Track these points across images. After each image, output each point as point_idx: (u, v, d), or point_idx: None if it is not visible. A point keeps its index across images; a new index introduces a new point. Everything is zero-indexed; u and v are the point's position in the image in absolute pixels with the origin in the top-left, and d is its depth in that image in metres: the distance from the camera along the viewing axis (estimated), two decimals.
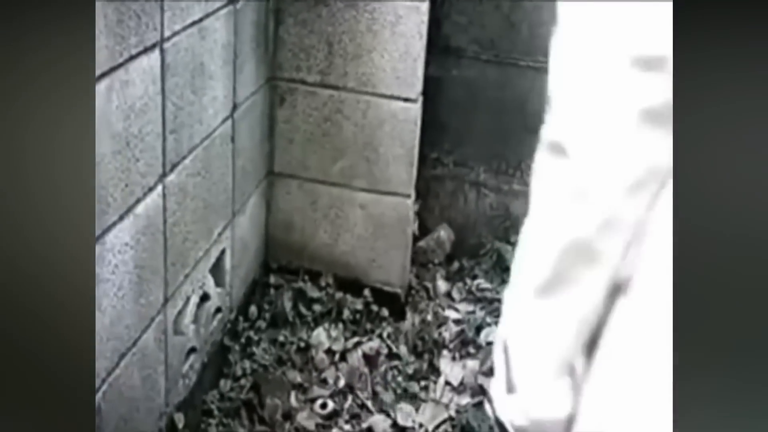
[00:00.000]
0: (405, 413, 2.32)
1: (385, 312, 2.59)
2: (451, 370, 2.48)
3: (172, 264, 1.89)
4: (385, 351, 2.49)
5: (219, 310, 2.25)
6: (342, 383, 2.36)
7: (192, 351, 2.10)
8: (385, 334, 2.54)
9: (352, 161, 2.52)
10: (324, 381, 2.36)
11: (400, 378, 2.41)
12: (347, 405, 2.32)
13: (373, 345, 2.49)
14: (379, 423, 2.28)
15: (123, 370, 1.72)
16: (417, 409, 2.33)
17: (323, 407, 2.27)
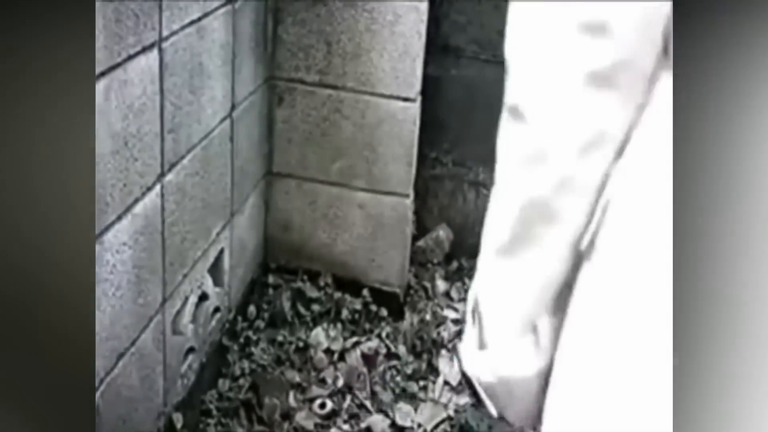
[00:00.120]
0: (404, 413, 2.31)
1: (384, 312, 2.59)
2: (450, 369, 2.48)
3: (170, 264, 1.89)
4: (384, 351, 2.49)
5: (217, 309, 2.25)
6: (341, 383, 2.36)
7: (190, 351, 2.10)
8: (384, 333, 2.54)
9: (350, 161, 2.51)
10: (323, 381, 2.36)
11: (398, 378, 2.41)
12: (346, 405, 2.31)
13: (372, 345, 2.49)
14: (378, 423, 2.27)
15: (121, 369, 1.72)
16: (416, 409, 2.33)
17: (322, 407, 2.27)
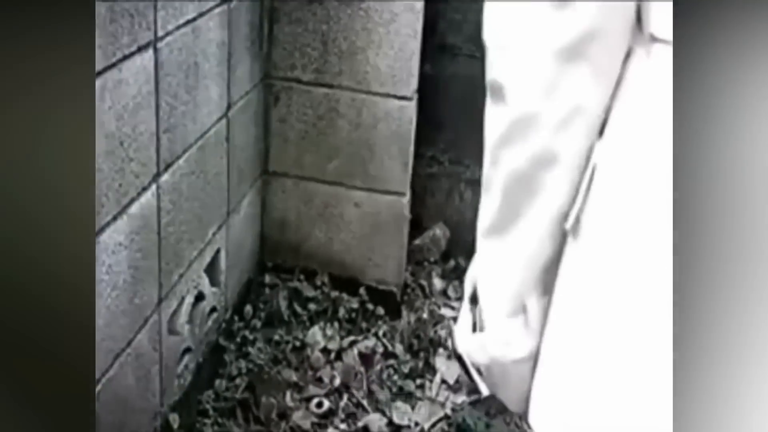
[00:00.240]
0: (401, 412, 2.31)
1: (381, 310, 2.58)
2: (447, 368, 2.48)
3: (166, 264, 1.88)
4: (381, 350, 2.48)
5: (214, 309, 2.25)
6: (338, 382, 2.36)
7: (187, 351, 2.09)
8: (381, 332, 2.54)
9: (347, 160, 2.51)
10: (319, 380, 2.36)
11: (395, 376, 2.41)
12: (343, 404, 2.31)
13: (369, 344, 2.48)
14: (375, 422, 2.27)
15: (117, 370, 1.72)
16: (413, 408, 2.33)
17: (319, 406, 2.27)
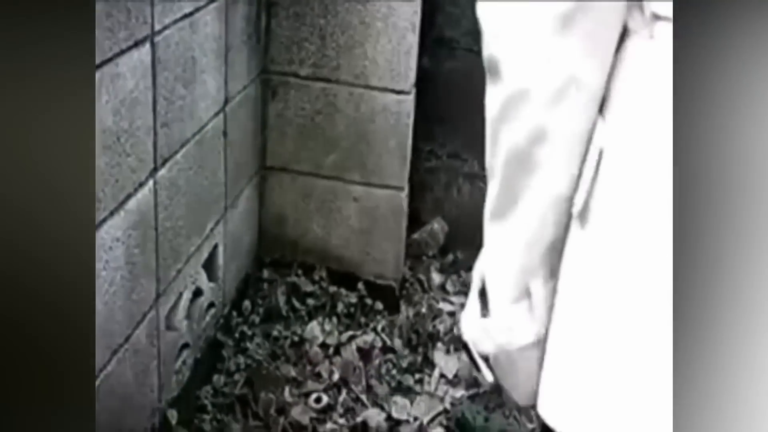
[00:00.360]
0: (400, 406, 2.31)
1: (380, 305, 2.58)
2: (446, 362, 2.47)
3: (164, 259, 1.88)
4: (380, 344, 2.48)
5: (212, 305, 2.24)
6: (336, 377, 2.35)
7: (185, 347, 2.09)
8: (380, 327, 2.53)
9: (345, 154, 2.50)
10: (318, 375, 2.35)
11: (394, 371, 2.40)
12: (341, 399, 2.31)
13: (368, 338, 2.48)
14: (374, 416, 2.27)
15: (115, 366, 1.71)
16: (412, 403, 2.33)
17: (317, 401, 2.27)
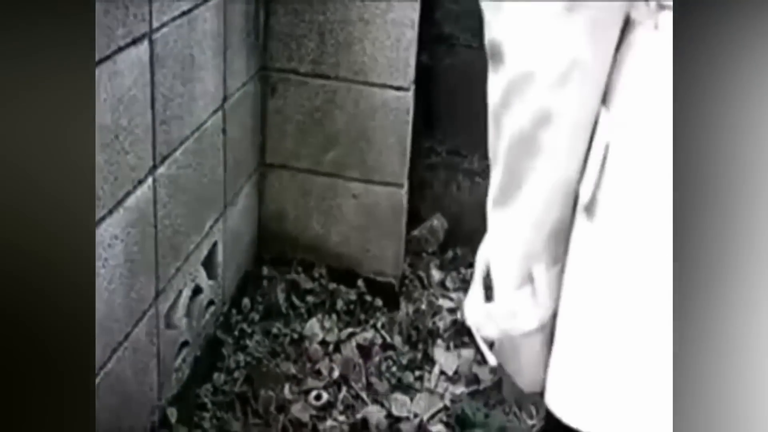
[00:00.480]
0: (399, 403, 2.31)
1: (379, 302, 2.58)
2: (446, 359, 2.47)
3: (163, 257, 1.87)
4: (379, 341, 2.48)
5: (211, 303, 2.24)
6: (336, 374, 2.35)
7: (184, 345, 2.09)
8: (379, 324, 2.53)
9: (344, 151, 2.50)
10: (318, 372, 2.35)
11: (394, 368, 2.40)
12: (341, 396, 2.30)
13: (367, 335, 2.48)
14: (374, 414, 2.26)
15: (115, 364, 1.71)
16: (411, 400, 2.32)
17: (317, 399, 2.26)
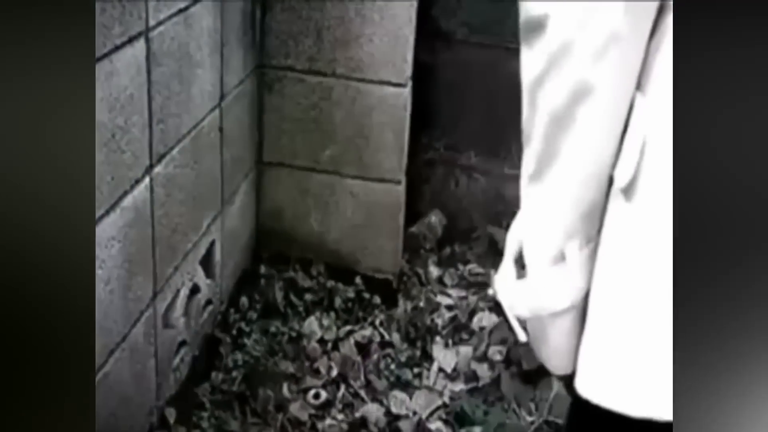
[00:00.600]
0: (398, 401, 2.30)
1: (377, 299, 2.57)
2: (444, 356, 2.46)
3: (160, 257, 1.86)
4: (378, 339, 2.47)
5: (209, 302, 2.23)
6: (334, 373, 2.34)
7: (182, 344, 2.08)
8: (378, 321, 2.52)
9: (341, 148, 2.49)
10: (316, 371, 2.34)
11: (393, 366, 2.39)
12: (340, 394, 2.30)
13: (366, 333, 2.47)
14: (373, 412, 2.26)
15: (112, 365, 1.70)
16: (410, 397, 2.32)
17: (316, 397, 2.26)
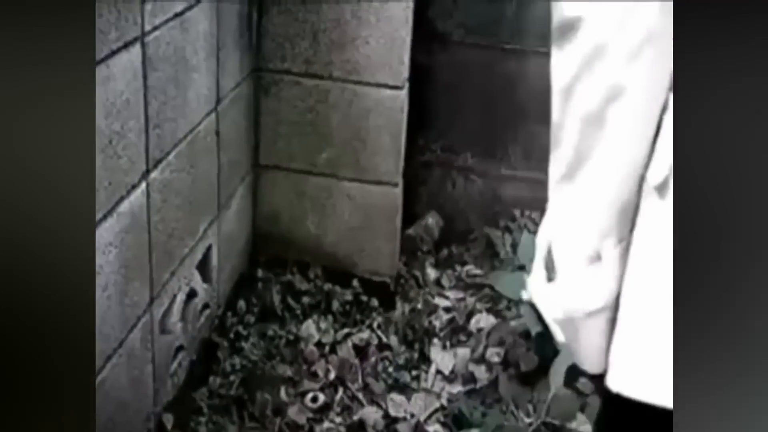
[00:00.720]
0: (396, 404, 2.30)
1: (375, 302, 2.56)
2: (442, 358, 2.47)
3: (157, 262, 1.86)
4: (376, 341, 2.47)
5: (206, 306, 2.22)
6: (332, 376, 2.34)
7: (180, 349, 2.07)
8: (375, 324, 2.52)
9: (338, 151, 2.48)
10: (314, 374, 2.33)
11: (390, 368, 2.39)
12: (338, 397, 2.29)
13: (363, 336, 2.47)
14: (371, 415, 2.26)
15: (109, 371, 1.70)
16: (408, 400, 2.31)
17: (314, 401, 2.25)
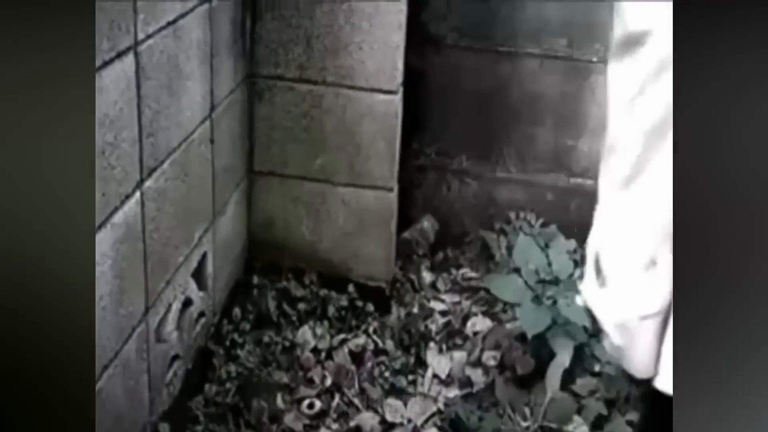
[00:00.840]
0: (393, 409, 2.29)
1: (371, 307, 2.56)
2: (438, 362, 2.46)
3: (152, 271, 1.85)
4: (372, 347, 2.46)
5: (202, 314, 2.22)
6: (329, 382, 2.34)
7: (175, 358, 2.06)
8: (371, 329, 2.51)
9: (332, 156, 2.48)
10: (310, 381, 2.33)
11: (387, 373, 2.39)
12: (335, 404, 2.29)
13: (359, 341, 2.46)
14: (368, 420, 2.25)
15: (105, 382, 1.69)
16: (405, 405, 2.31)
17: (310, 407, 2.25)
